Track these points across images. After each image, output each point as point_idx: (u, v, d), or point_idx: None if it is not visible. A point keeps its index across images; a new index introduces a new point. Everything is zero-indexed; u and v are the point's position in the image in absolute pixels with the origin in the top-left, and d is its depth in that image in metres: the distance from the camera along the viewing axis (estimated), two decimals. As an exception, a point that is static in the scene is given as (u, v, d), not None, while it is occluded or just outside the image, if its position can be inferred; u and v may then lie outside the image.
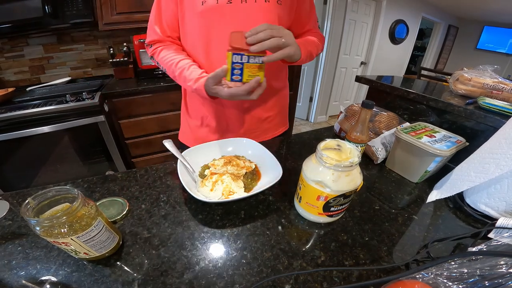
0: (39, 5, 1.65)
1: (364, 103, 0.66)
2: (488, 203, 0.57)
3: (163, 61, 0.81)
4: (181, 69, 0.77)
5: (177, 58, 0.79)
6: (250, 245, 0.51)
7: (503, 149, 0.52)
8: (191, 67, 0.77)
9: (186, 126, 1.02)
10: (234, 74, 0.58)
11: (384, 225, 0.57)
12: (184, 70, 0.76)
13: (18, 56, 1.97)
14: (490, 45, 5.42)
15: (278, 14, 0.77)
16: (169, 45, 0.84)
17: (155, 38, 0.82)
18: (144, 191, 0.65)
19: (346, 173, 0.48)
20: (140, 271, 0.45)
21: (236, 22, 0.74)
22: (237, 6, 0.72)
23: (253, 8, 0.73)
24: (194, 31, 0.78)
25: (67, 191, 0.41)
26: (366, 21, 3.77)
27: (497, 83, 0.82)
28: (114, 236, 0.47)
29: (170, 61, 0.79)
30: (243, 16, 0.74)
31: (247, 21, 0.74)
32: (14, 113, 1.48)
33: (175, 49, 0.83)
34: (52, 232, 0.37)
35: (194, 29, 0.77)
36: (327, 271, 0.46)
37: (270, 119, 0.98)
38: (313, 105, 4.05)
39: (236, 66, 0.57)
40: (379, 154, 0.78)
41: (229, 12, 0.73)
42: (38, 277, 0.43)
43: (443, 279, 0.36)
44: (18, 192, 0.64)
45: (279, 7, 0.76)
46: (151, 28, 0.82)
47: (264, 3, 0.74)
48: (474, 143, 0.67)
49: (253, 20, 0.74)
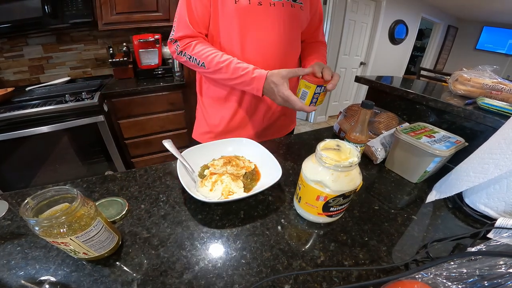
0: (38, 5, 1.65)
1: (364, 103, 0.66)
2: (487, 203, 0.57)
3: (200, 54, 0.80)
4: (229, 60, 0.78)
5: (220, 52, 0.80)
6: (249, 245, 0.51)
7: (502, 149, 0.53)
8: (239, 61, 0.79)
9: (203, 123, 1.04)
10: (313, 99, 0.74)
11: (384, 225, 0.57)
12: (233, 62, 0.78)
13: (17, 56, 1.97)
14: (489, 45, 5.43)
15: (301, 18, 0.86)
16: (203, 41, 0.84)
17: (187, 33, 0.81)
18: (143, 191, 0.65)
19: (345, 173, 0.48)
20: (140, 271, 0.45)
21: (266, 23, 0.80)
22: (267, 8, 0.78)
23: (280, 12, 0.80)
24: (226, 28, 0.81)
25: (66, 191, 0.41)
26: (366, 21, 3.78)
27: (496, 83, 0.82)
28: (114, 236, 0.47)
29: (211, 54, 0.79)
30: (272, 19, 0.80)
31: (276, 23, 0.80)
32: (13, 113, 1.48)
33: (211, 44, 0.85)
34: (51, 232, 0.37)
35: (227, 26, 0.80)
36: (327, 271, 0.46)
37: (285, 116, 1.06)
38: (313, 105, 4.04)
39: (316, 95, 0.73)
40: (379, 154, 0.78)
41: (260, 12, 0.78)
42: (37, 277, 0.43)
43: (442, 279, 0.36)
44: (17, 192, 0.63)
45: (301, 12, 0.85)
46: (182, 22, 0.81)
47: (290, 8, 0.81)
48: (473, 143, 0.67)
49: (282, 21, 0.81)
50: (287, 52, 0.88)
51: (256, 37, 0.81)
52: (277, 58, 0.86)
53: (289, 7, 0.81)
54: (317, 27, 0.99)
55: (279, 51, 0.86)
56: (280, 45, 0.85)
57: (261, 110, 0.97)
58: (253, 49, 0.83)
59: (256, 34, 0.81)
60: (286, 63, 0.89)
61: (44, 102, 1.58)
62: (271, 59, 0.86)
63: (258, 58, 0.84)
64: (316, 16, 0.96)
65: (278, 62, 0.87)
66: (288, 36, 0.86)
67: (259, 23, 0.79)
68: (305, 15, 0.88)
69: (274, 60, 0.86)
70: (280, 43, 0.84)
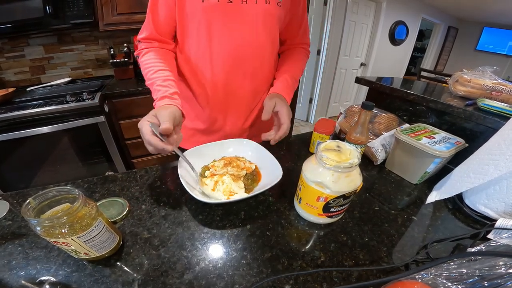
0: (40, 6, 1.65)
1: (364, 104, 0.66)
2: (487, 204, 0.58)
3: (144, 64, 0.76)
4: (153, 81, 0.71)
5: (156, 67, 0.73)
6: (250, 246, 0.51)
7: (502, 150, 0.53)
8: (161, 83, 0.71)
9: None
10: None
11: (384, 226, 0.57)
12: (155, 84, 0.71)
13: (18, 56, 1.97)
14: (489, 46, 5.43)
15: (278, 15, 0.77)
16: (158, 49, 0.78)
17: (148, 35, 0.77)
18: (144, 191, 0.65)
19: (346, 174, 0.49)
20: (140, 271, 0.45)
21: (237, 23, 0.73)
22: (238, 6, 0.71)
23: (253, 9, 0.73)
24: (193, 30, 0.75)
25: (68, 191, 0.42)
26: (366, 22, 3.78)
27: (496, 84, 0.82)
28: (115, 236, 0.47)
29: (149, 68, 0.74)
30: (244, 18, 0.73)
31: (248, 21, 0.74)
32: (14, 113, 1.48)
33: (162, 54, 0.78)
34: (53, 232, 0.37)
35: (194, 28, 0.75)
36: (327, 272, 0.46)
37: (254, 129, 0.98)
38: (313, 106, 4.05)
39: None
40: (379, 155, 0.78)
41: (230, 11, 0.71)
42: (38, 277, 0.43)
43: (442, 280, 0.36)
44: (18, 192, 0.64)
45: (279, 9, 0.76)
46: (146, 24, 0.77)
47: (264, 4, 0.73)
48: (473, 144, 0.67)
49: (254, 20, 0.74)
50: (262, 54, 0.82)
51: (227, 39, 0.75)
52: (250, 61, 0.80)
53: (263, 4, 0.73)
54: (299, 26, 0.90)
55: (253, 54, 0.79)
56: (254, 47, 0.78)
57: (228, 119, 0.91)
58: (223, 52, 0.76)
59: (226, 35, 0.74)
60: (261, 67, 0.85)
61: (45, 103, 1.58)
62: (244, 63, 0.80)
63: (228, 62, 0.78)
64: (298, 14, 0.86)
65: (251, 67, 0.82)
66: (263, 37, 0.79)
67: (229, 23, 0.73)
68: (284, 13, 0.80)
69: (247, 64, 0.80)
70: (254, 45, 0.78)
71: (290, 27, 0.88)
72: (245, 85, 0.85)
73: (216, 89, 0.83)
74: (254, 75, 0.85)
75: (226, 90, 0.84)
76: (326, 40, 3.42)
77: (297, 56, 0.94)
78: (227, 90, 0.84)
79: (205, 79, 0.81)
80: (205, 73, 0.80)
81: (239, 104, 0.89)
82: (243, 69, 0.81)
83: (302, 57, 0.95)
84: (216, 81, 0.81)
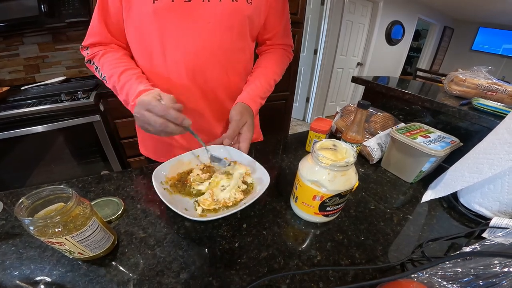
0: (35, 4, 1.63)
1: (360, 104, 0.66)
2: (482, 203, 0.58)
3: (105, 66, 0.67)
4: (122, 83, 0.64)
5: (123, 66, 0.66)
6: (246, 245, 0.51)
7: (496, 149, 0.53)
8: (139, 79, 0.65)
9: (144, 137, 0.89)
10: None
11: (380, 224, 0.57)
12: (124, 85, 0.64)
13: (13, 55, 1.95)
14: (484, 46, 5.48)
15: (250, 14, 0.68)
16: (115, 49, 0.70)
17: (97, 39, 0.68)
18: (139, 191, 0.65)
19: (341, 173, 0.49)
20: (136, 271, 0.45)
21: (197, 25, 0.64)
22: (198, 5, 0.62)
23: (217, 8, 0.64)
24: (143, 35, 0.66)
25: (61, 190, 0.41)
26: (363, 22, 3.80)
27: (491, 84, 0.83)
28: (109, 236, 0.46)
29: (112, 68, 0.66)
30: (206, 18, 0.64)
31: (211, 21, 0.65)
32: (8, 112, 1.46)
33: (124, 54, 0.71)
34: (46, 231, 0.37)
35: (144, 33, 0.66)
36: (323, 271, 0.46)
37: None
38: (310, 106, 4.06)
39: None
40: (375, 154, 0.78)
41: (188, 12, 0.62)
42: (32, 277, 0.42)
43: (437, 279, 0.36)
44: (12, 192, 0.63)
45: (250, 6, 0.67)
46: (93, 27, 0.68)
47: (231, 2, 0.64)
48: (468, 143, 0.68)
49: (218, 21, 0.65)
50: (229, 60, 0.72)
51: (183, 44, 0.65)
52: (214, 69, 0.70)
53: (229, 2, 0.64)
54: (279, 22, 0.80)
55: (218, 60, 0.70)
56: (218, 52, 0.68)
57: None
58: (180, 60, 0.67)
59: (183, 40, 0.64)
60: (227, 76, 0.74)
61: (40, 102, 1.56)
62: (205, 71, 0.70)
63: (185, 73, 0.68)
64: (278, 9, 0.76)
65: (216, 75, 0.72)
66: (230, 40, 0.69)
67: (187, 25, 0.63)
68: (256, 10, 0.70)
69: (210, 72, 0.70)
70: (217, 50, 0.68)
71: (268, 25, 0.79)
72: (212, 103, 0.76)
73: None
74: (224, 87, 0.76)
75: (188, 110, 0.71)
76: (323, 40, 3.43)
77: (276, 58, 0.85)
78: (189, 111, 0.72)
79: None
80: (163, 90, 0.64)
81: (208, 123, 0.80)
82: (208, 81, 0.72)
83: (282, 60, 0.86)
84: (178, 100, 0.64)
